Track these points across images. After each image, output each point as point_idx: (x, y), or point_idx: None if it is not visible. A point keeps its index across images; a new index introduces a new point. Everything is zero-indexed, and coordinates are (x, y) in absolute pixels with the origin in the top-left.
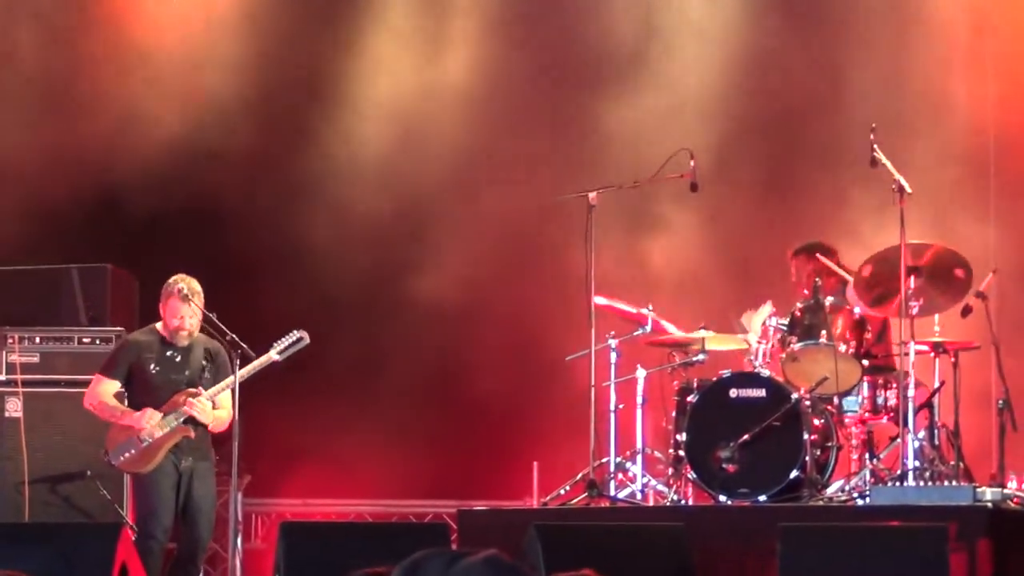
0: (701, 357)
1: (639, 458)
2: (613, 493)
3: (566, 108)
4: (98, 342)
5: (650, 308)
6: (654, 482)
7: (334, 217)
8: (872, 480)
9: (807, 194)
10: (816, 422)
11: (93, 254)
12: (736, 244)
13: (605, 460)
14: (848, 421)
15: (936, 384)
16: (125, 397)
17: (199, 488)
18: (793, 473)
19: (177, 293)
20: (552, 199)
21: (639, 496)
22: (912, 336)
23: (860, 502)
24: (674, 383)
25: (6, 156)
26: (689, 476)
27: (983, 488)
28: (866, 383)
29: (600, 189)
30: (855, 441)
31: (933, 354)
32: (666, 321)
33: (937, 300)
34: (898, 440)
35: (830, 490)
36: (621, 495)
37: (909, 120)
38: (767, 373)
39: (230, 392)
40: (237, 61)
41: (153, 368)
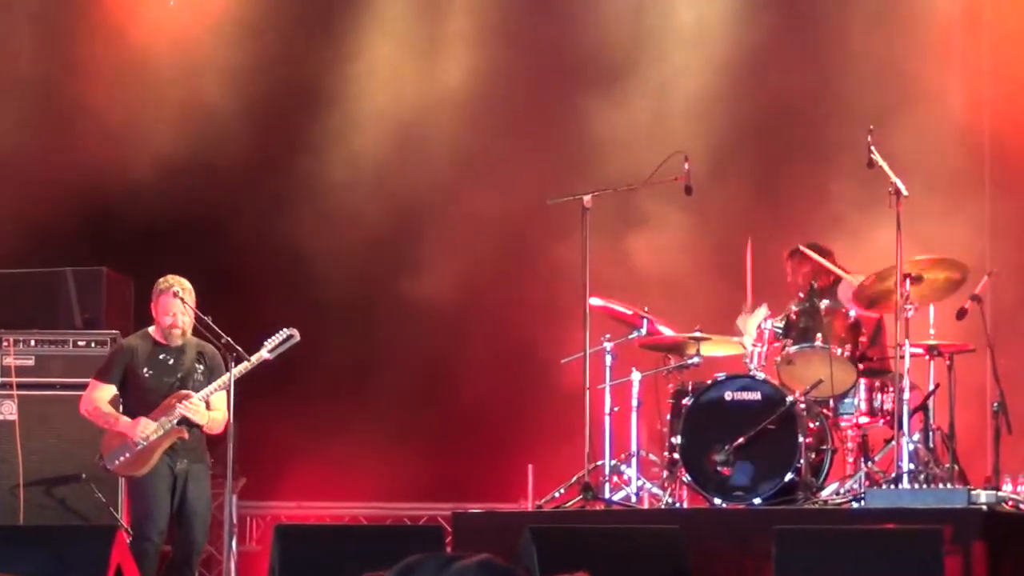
0: (696, 360)
1: (634, 461)
2: (608, 496)
3: (559, 111)
4: (93, 345)
5: (646, 310)
6: (649, 485)
7: (329, 221)
8: (867, 483)
9: (802, 195)
10: (811, 425)
11: (88, 257)
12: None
13: (600, 463)
14: (843, 424)
15: (931, 387)
16: (120, 401)
17: (194, 490)
18: (788, 476)
19: (168, 291)
20: (547, 202)
21: (634, 499)
22: (907, 335)
23: (855, 505)
24: (669, 386)
25: (2, 159)
26: (684, 479)
27: (978, 491)
28: (861, 386)
29: (595, 192)
30: (850, 444)
31: (928, 357)
32: (661, 324)
33: (930, 296)
34: (893, 443)
35: (825, 493)
36: (616, 498)
37: (903, 122)
38: (762, 376)
39: (224, 394)
40: (233, 66)
41: (146, 372)
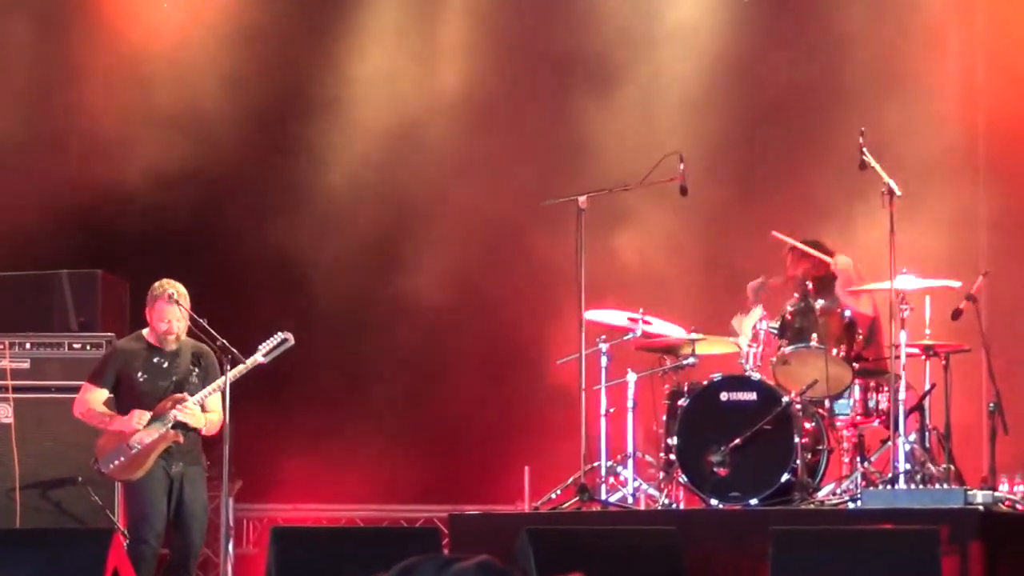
0: (692, 360)
1: (630, 462)
2: (604, 497)
3: (552, 113)
4: (89, 348)
5: (641, 312)
6: (645, 486)
7: (323, 224)
8: (863, 483)
9: (798, 195)
10: (807, 425)
11: (84, 260)
12: (725, 247)
13: (596, 464)
14: (839, 424)
15: (927, 387)
16: (114, 405)
17: (190, 493)
18: (784, 476)
19: (164, 297)
20: (542, 203)
21: (630, 500)
22: (902, 328)
23: (851, 505)
24: (665, 387)
25: None
26: (680, 480)
27: (974, 491)
28: (857, 386)
29: (590, 193)
30: (846, 444)
31: (924, 357)
32: (657, 323)
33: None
34: (889, 443)
35: (821, 493)
36: (612, 499)
37: (898, 122)
38: (758, 376)
39: (220, 396)
40: (228, 69)
41: (140, 375)
